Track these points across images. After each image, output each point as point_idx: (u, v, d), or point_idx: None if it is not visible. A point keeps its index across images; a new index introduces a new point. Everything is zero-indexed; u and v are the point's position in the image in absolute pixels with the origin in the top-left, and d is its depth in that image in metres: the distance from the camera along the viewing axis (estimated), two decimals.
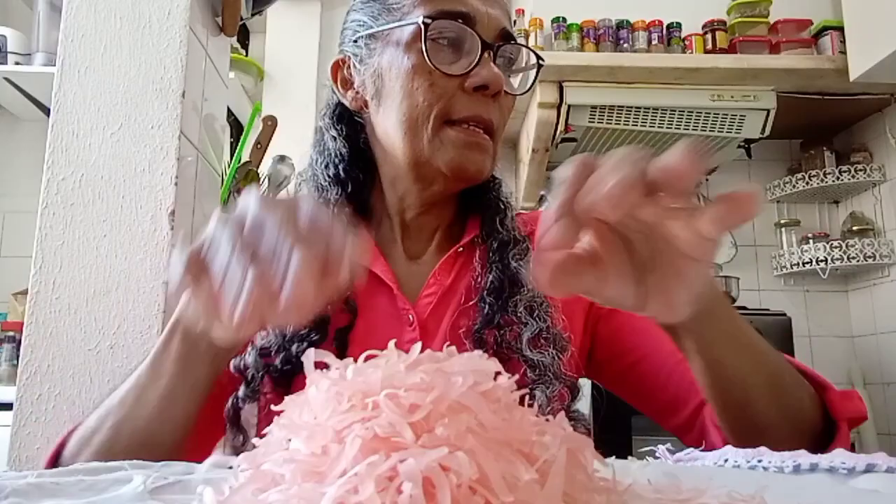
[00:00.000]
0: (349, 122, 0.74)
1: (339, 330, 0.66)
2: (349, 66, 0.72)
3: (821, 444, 0.52)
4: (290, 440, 0.24)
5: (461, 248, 0.73)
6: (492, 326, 0.66)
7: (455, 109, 0.65)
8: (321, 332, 0.65)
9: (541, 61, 0.72)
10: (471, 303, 0.69)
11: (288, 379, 0.63)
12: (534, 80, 0.73)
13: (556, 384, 0.64)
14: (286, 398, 0.28)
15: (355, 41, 0.72)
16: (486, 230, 0.73)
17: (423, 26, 0.65)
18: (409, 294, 0.70)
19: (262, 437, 0.26)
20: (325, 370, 0.28)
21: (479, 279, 0.70)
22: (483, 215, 0.74)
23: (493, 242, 0.72)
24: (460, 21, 0.66)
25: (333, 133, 0.73)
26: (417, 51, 0.66)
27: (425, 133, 0.66)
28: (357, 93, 0.72)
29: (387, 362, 0.26)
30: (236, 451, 0.61)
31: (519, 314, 0.67)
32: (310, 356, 0.29)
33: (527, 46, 0.73)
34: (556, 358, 0.66)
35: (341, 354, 0.65)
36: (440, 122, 0.66)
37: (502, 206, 0.75)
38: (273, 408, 0.28)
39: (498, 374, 0.26)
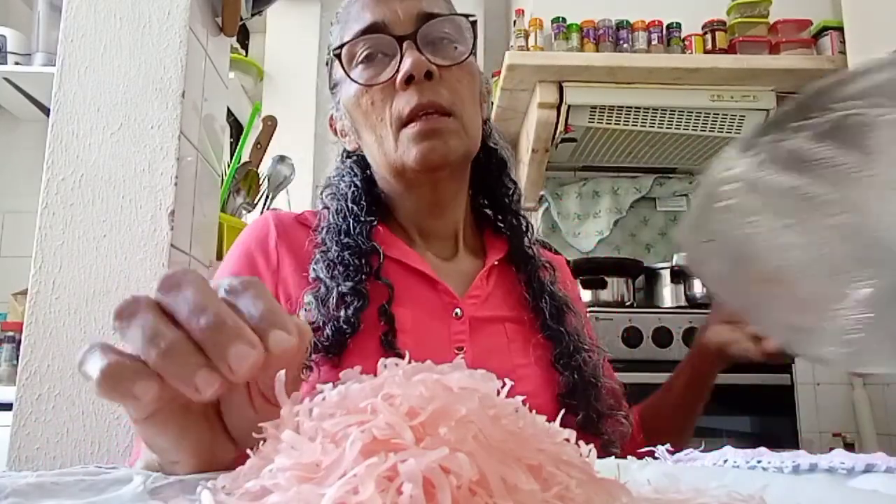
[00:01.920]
0: (356, 161, 0.80)
1: (383, 304, 0.68)
2: (335, 117, 0.80)
3: None
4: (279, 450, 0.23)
5: (496, 262, 0.78)
6: (570, 352, 0.72)
7: (400, 109, 0.68)
8: (363, 298, 0.67)
9: (470, 18, 0.74)
10: (519, 317, 0.75)
11: (340, 347, 0.65)
12: (472, 42, 0.74)
13: (627, 412, 0.75)
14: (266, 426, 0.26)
15: (332, 93, 0.79)
16: (516, 253, 0.78)
17: (335, 58, 0.72)
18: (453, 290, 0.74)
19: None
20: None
21: (525, 300, 0.76)
22: (510, 237, 0.79)
23: (529, 267, 0.77)
24: (369, 33, 0.70)
25: (344, 173, 0.79)
26: (350, 80, 0.71)
27: (390, 142, 0.70)
28: (348, 136, 0.78)
29: (382, 373, 0.26)
30: None
31: (583, 341, 0.74)
32: (280, 378, 0.27)
33: (452, 14, 0.73)
34: (617, 383, 0.76)
35: (390, 326, 0.67)
36: (397, 127, 0.69)
37: (524, 227, 0.80)
38: (255, 434, 0.26)
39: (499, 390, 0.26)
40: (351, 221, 0.72)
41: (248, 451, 0.26)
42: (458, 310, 0.71)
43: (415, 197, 0.75)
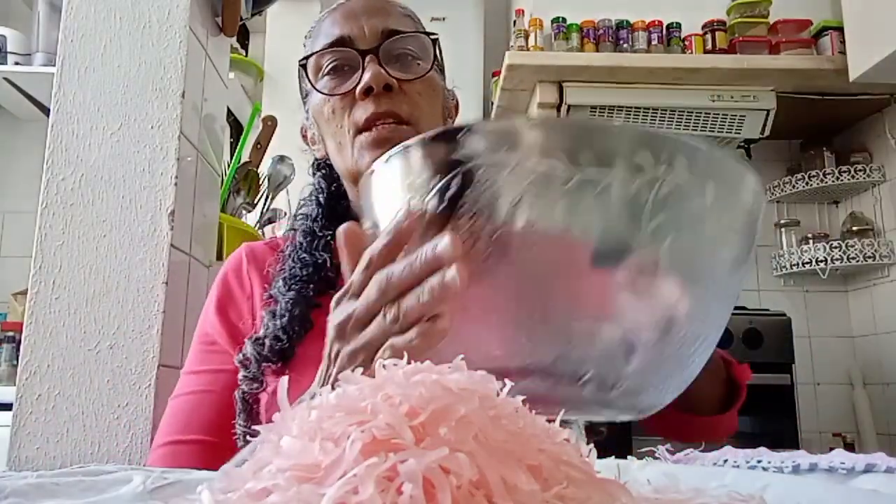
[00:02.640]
0: (325, 166, 0.83)
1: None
2: (306, 126, 0.83)
3: (726, 402, 0.78)
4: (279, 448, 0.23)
5: None
6: None
7: (357, 118, 0.72)
8: (300, 305, 0.70)
9: (432, 36, 0.77)
10: None
11: (280, 355, 0.68)
12: (433, 58, 0.76)
13: None
14: (261, 428, 0.27)
15: (303, 102, 0.82)
16: None
17: (301, 68, 0.77)
18: None
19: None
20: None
21: None
22: None
23: None
24: (336, 46, 0.73)
25: (317, 177, 0.84)
26: (314, 89, 0.75)
27: (347, 149, 0.73)
28: (317, 144, 0.81)
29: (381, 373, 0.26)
30: (245, 436, 0.67)
31: None
32: (283, 384, 0.29)
33: (416, 32, 0.76)
34: None
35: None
36: (354, 134, 0.72)
37: None
38: (251, 439, 0.27)
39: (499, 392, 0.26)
40: (309, 238, 0.76)
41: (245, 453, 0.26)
42: None
43: None
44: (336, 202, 0.81)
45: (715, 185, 0.36)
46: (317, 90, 0.75)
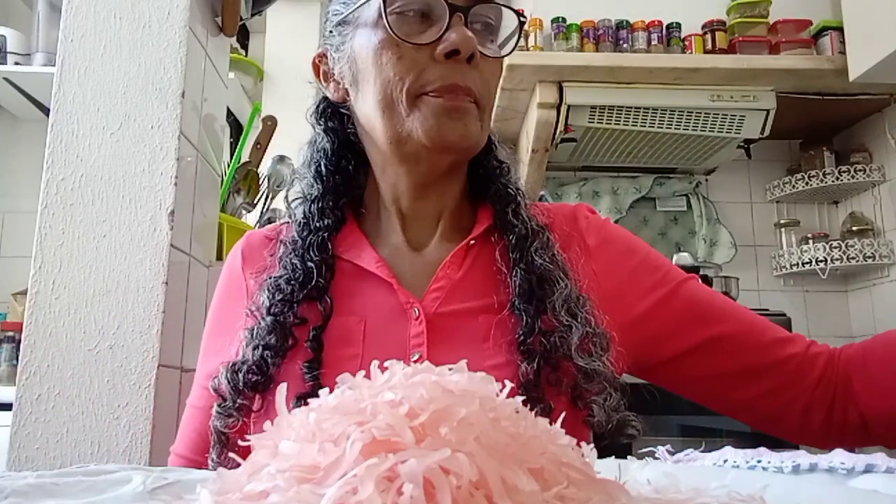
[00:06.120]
0: (333, 116, 0.72)
1: (315, 328, 0.62)
2: (328, 58, 0.71)
3: None
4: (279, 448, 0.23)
5: (472, 241, 0.69)
6: (535, 333, 0.62)
7: (428, 80, 0.62)
8: (280, 336, 0.62)
9: (521, 18, 0.67)
10: (497, 303, 0.65)
11: (256, 387, 0.61)
12: (517, 40, 0.68)
13: (614, 395, 0.62)
14: (265, 426, 0.26)
15: (331, 31, 0.70)
16: (499, 222, 0.69)
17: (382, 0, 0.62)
18: (415, 288, 0.66)
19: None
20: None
21: (506, 279, 0.65)
22: (494, 207, 0.70)
23: (510, 237, 0.67)
24: None
25: (319, 129, 0.72)
26: (383, 27, 0.63)
27: (402, 107, 0.62)
28: (338, 83, 0.70)
29: (383, 374, 0.26)
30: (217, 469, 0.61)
31: (560, 317, 0.63)
32: (282, 391, 0.28)
33: (506, 6, 0.67)
34: (608, 362, 0.62)
35: (317, 356, 0.62)
36: (414, 95, 0.62)
37: (512, 194, 0.70)
38: (250, 438, 0.27)
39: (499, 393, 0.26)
40: (304, 233, 0.66)
41: (237, 457, 0.26)
42: (416, 308, 0.64)
43: (404, 172, 0.68)
44: (344, 179, 0.70)
45: None
46: (391, 29, 0.61)
